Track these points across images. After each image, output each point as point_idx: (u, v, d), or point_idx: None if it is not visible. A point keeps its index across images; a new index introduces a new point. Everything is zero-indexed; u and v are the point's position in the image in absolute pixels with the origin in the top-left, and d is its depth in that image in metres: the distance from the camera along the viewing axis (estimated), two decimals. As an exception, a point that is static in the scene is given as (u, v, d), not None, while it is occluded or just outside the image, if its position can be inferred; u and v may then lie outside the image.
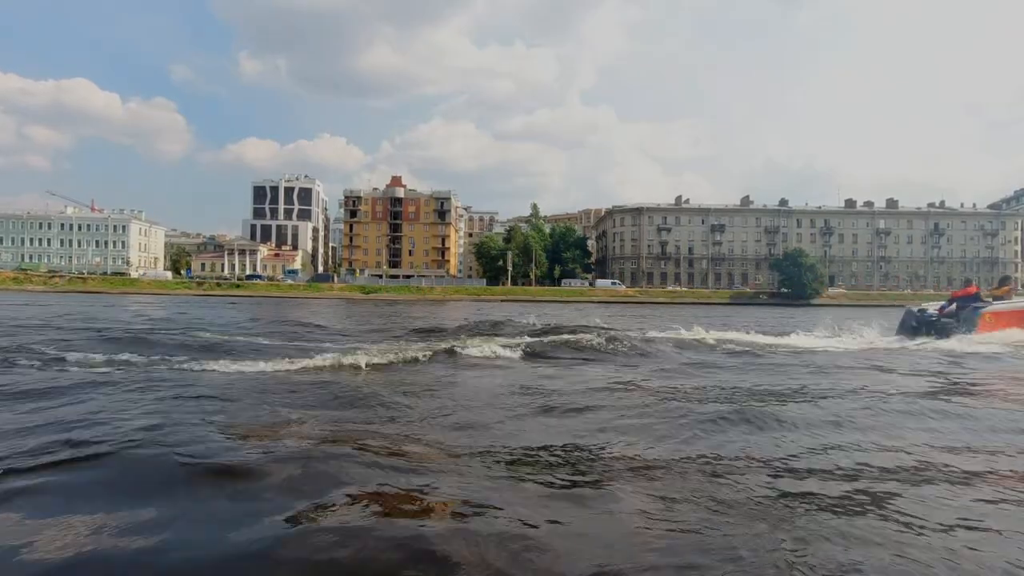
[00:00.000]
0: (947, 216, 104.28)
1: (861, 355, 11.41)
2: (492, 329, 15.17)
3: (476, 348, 10.20)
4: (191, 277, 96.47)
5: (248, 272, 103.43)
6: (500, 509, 3.07)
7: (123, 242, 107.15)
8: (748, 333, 15.17)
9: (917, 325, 15.04)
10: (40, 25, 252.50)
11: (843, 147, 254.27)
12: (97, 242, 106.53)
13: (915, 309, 15.83)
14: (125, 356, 8.70)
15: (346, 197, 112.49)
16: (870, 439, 4.69)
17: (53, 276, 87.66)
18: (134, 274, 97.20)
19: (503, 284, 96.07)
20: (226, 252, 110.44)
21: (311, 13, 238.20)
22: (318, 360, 8.48)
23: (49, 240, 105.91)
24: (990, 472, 3.90)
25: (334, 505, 3.10)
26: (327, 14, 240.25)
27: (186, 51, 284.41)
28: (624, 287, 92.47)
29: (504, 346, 10.54)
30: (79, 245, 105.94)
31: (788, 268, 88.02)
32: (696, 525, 2.92)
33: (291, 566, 2.44)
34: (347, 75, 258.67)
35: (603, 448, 4.33)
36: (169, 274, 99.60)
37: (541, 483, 3.53)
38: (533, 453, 4.19)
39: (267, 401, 5.74)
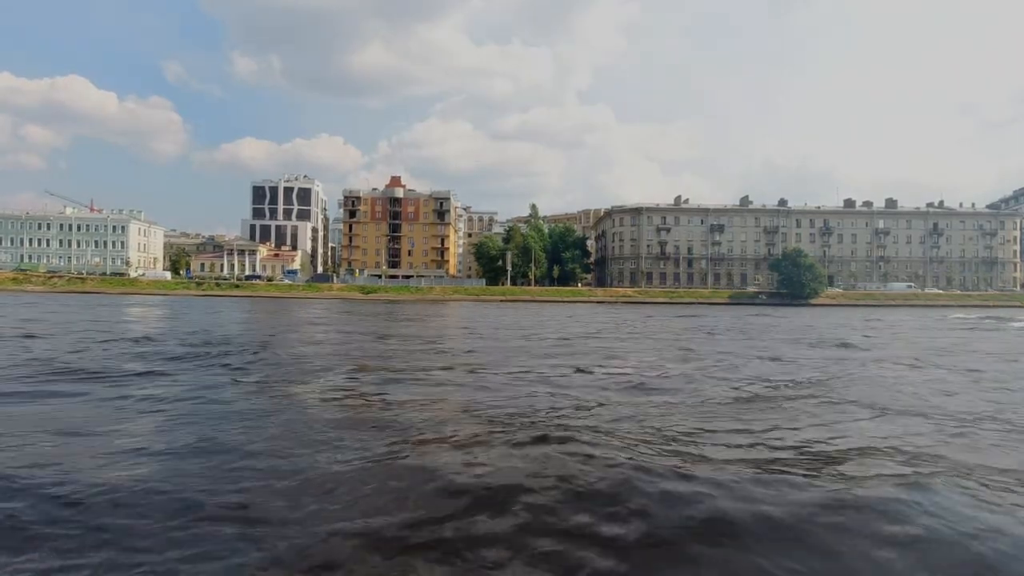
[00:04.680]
0: (946, 216, 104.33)
1: None
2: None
3: None
4: (190, 277, 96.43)
5: (247, 272, 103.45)
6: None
7: (122, 242, 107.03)
8: None
9: None
10: (32, 22, 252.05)
11: (842, 147, 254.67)
12: (96, 242, 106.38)
13: None
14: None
15: (345, 197, 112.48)
16: None
17: (52, 276, 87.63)
18: (133, 274, 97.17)
19: (502, 284, 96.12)
20: (225, 252, 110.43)
21: (303, 9, 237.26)
22: None
23: (48, 240, 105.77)
24: None
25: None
26: (320, 10, 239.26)
27: (179, 49, 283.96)
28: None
29: None
30: (78, 245, 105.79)
31: (787, 268, 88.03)
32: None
33: None
34: (342, 74, 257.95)
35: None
36: (168, 274, 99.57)
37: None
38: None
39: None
